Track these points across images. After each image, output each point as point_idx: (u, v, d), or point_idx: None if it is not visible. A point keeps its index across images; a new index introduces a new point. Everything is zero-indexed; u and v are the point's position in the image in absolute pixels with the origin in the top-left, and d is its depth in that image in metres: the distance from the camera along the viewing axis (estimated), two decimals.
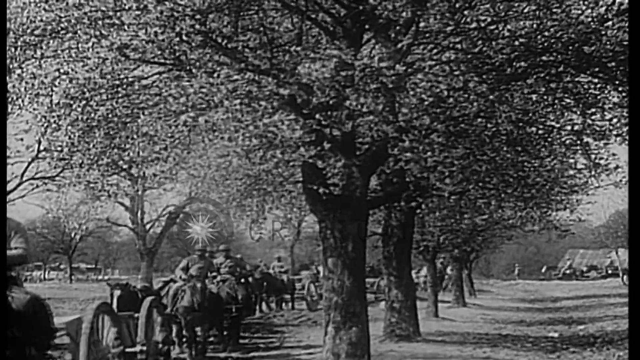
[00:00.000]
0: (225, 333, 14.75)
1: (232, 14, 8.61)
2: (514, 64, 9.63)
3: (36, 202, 59.19)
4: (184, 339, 13.63)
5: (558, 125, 11.66)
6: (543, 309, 28.26)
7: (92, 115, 9.13)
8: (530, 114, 10.87)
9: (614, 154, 11.46)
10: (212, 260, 16.07)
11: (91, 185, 10.24)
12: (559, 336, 17.28)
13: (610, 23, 9.60)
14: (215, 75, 8.25)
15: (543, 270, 58.78)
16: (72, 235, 48.25)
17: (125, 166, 10.09)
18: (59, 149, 9.88)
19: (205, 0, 8.17)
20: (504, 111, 9.97)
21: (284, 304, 24.20)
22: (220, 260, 17.41)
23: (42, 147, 27.56)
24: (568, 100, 11.09)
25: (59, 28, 8.56)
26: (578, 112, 11.26)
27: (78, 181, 10.08)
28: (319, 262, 26.14)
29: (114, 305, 12.20)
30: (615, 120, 10.94)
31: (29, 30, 8.73)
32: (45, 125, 9.34)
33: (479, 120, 10.47)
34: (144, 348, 9.86)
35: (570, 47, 9.55)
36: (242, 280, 14.82)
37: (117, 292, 12.17)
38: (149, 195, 36.55)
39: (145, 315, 10.27)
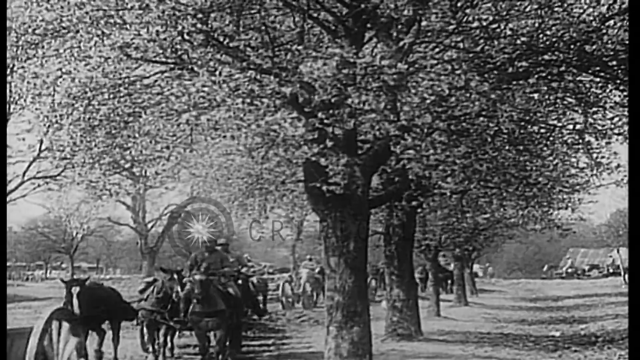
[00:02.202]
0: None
1: (233, 13, 8.61)
2: (516, 63, 9.63)
3: (38, 202, 59.41)
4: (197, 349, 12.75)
5: (560, 124, 11.67)
6: (544, 308, 28.24)
7: (94, 114, 9.13)
8: (532, 113, 10.87)
9: (615, 153, 11.48)
10: (225, 254, 14.50)
11: (93, 184, 10.20)
12: (560, 335, 17.28)
13: (611, 22, 9.61)
14: (217, 74, 8.26)
15: (544, 269, 58.67)
16: (74, 234, 48.25)
17: (127, 165, 10.08)
18: (60, 148, 9.85)
19: None
20: (505, 110, 9.97)
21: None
22: None
23: (43, 147, 27.79)
24: (570, 100, 11.11)
25: (61, 27, 8.57)
26: (580, 111, 11.29)
27: (80, 180, 10.06)
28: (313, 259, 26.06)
29: (75, 307, 10.60)
30: (616, 119, 10.97)
31: (30, 30, 8.74)
32: (47, 124, 9.33)
33: (481, 119, 10.47)
34: None
35: (572, 46, 9.56)
36: (239, 279, 14.05)
37: (76, 289, 10.96)
38: (150, 194, 36.73)
39: (40, 329, 7.69)
